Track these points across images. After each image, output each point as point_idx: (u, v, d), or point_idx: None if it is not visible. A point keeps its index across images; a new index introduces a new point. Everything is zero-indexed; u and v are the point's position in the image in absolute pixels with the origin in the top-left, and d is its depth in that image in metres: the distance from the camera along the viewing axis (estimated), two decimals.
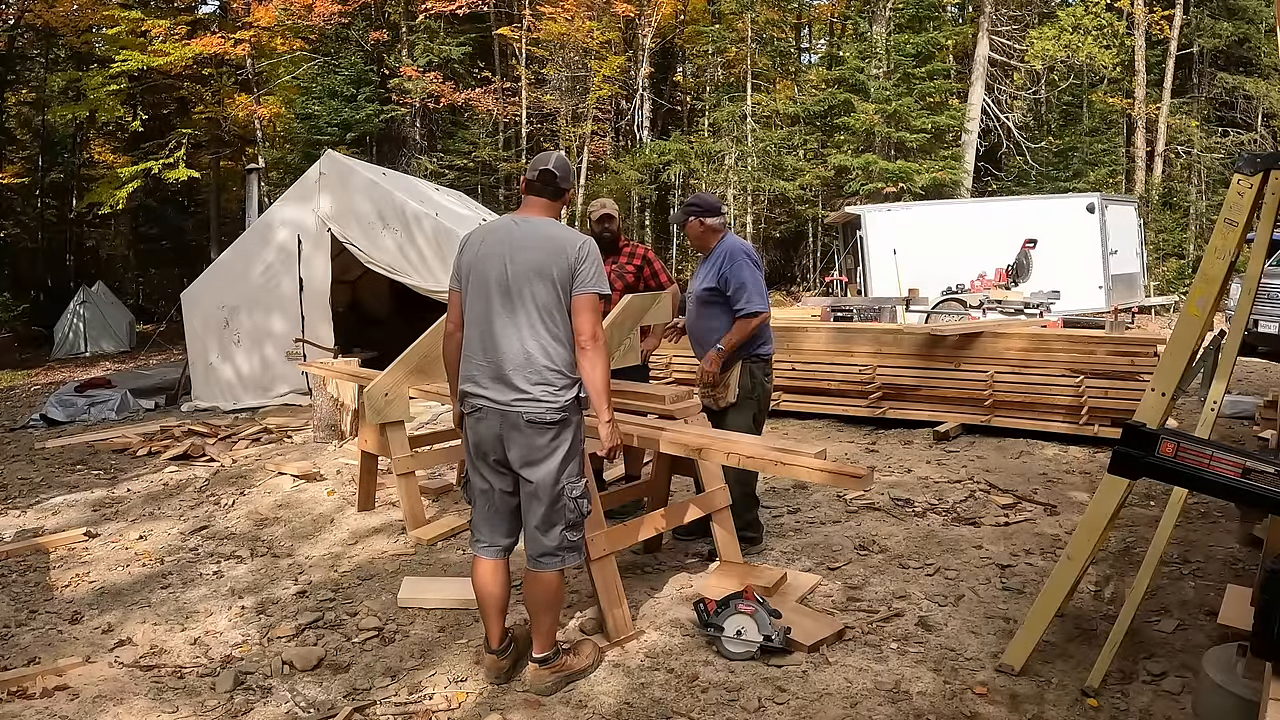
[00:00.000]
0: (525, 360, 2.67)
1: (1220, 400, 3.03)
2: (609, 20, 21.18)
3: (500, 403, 2.68)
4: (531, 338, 2.68)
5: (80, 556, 4.44)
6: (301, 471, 5.64)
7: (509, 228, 2.79)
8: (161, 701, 2.88)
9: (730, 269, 3.85)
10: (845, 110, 20.34)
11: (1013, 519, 4.41)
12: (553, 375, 2.69)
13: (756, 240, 24.48)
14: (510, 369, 2.68)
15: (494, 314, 2.71)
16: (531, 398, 2.67)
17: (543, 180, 2.82)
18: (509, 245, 2.73)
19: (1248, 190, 2.65)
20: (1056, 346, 6.07)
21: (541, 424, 2.67)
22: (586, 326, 2.69)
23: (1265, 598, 2.12)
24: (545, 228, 2.78)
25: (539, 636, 2.84)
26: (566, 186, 2.87)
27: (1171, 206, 22.11)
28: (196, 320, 8.83)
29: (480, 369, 2.73)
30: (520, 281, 2.68)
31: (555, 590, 2.84)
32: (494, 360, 2.70)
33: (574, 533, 2.83)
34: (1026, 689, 2.73)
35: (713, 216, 4.03)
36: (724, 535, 3.70)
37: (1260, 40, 20.99)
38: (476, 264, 2.76)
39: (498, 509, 2.84)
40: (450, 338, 2.85)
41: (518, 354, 2.68)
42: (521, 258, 2.70)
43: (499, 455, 2.73)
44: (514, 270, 2.69)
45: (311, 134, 18.79)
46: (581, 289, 2.70)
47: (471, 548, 2.91)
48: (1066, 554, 2.82)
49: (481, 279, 2.74)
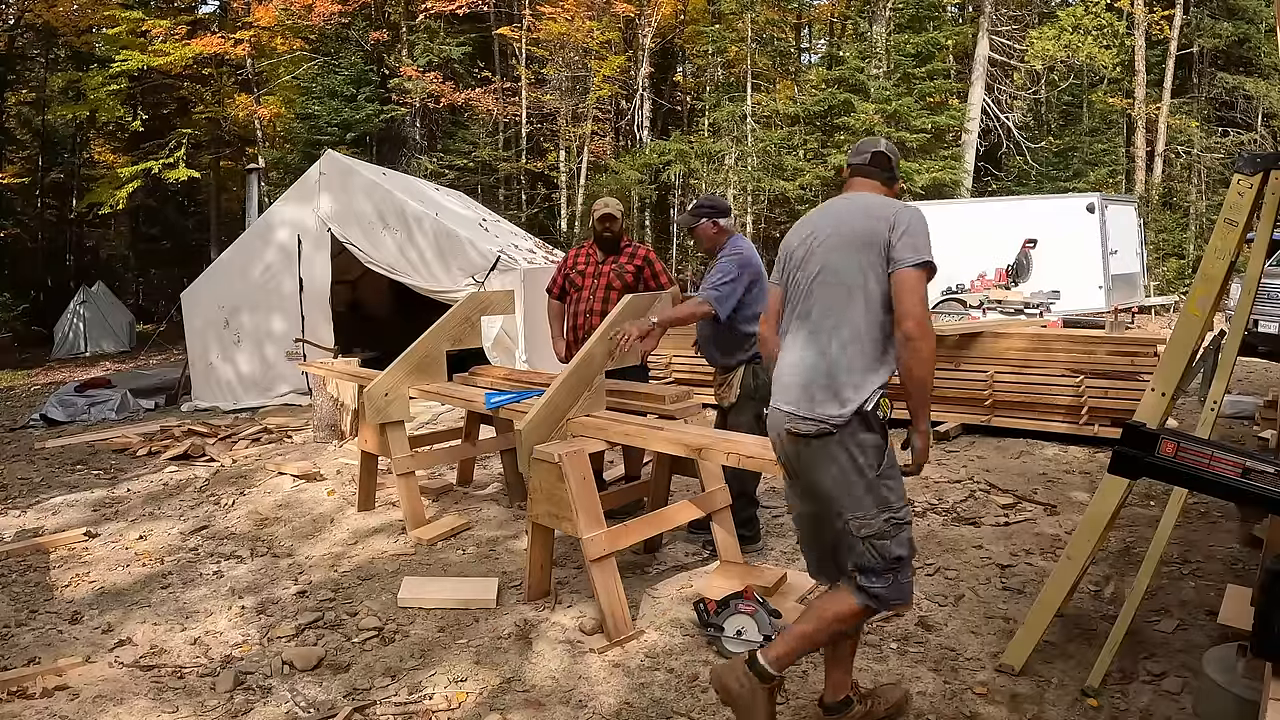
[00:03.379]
0: None
1: (1220, 400, 3.03)
2: (609, 20, 21.18)
3: None
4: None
5: (80, 556, 4.44)
6: (301, 471, 5.64)
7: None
8: (161, 701, 2.88)
9: (719, 264, 3.85)
10: (845, 110, 20.33)
11: (1013, 519, 4.41)
12: None
13: (757, 240, 24.46)
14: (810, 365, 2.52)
15: None
16: None
17: (876, 162, 2.52)
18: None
19: (1248, 190, 2.65)
20: (1056, 346, 6.06)
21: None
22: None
23: (1265, 598, 2.12)
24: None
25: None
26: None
27: (1171, 206, 22.11)
28: (196, 320, 8.83)
29: (785, 368, 2.58)
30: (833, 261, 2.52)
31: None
32: (804, 359, 2.50)
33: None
34: (1026, 689, 2.73)
35: (725, 217, 4.03)
36: (724, 535, 3.70)
37: (1260, 40, 20.99)
38: (794, 249, 2.57)
39: None
40: (762, 342, 2.68)
41: (825, 347, 2.47)
42: (844, 237, 2.48)
43: None
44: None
45: (311, 134, 18.77)
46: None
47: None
48: (1066, 554, 2.82)
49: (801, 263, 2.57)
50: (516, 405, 3.94)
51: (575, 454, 3.22)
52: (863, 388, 2.27)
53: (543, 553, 3.53)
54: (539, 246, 9.92)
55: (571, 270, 4.68)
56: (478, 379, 4.71)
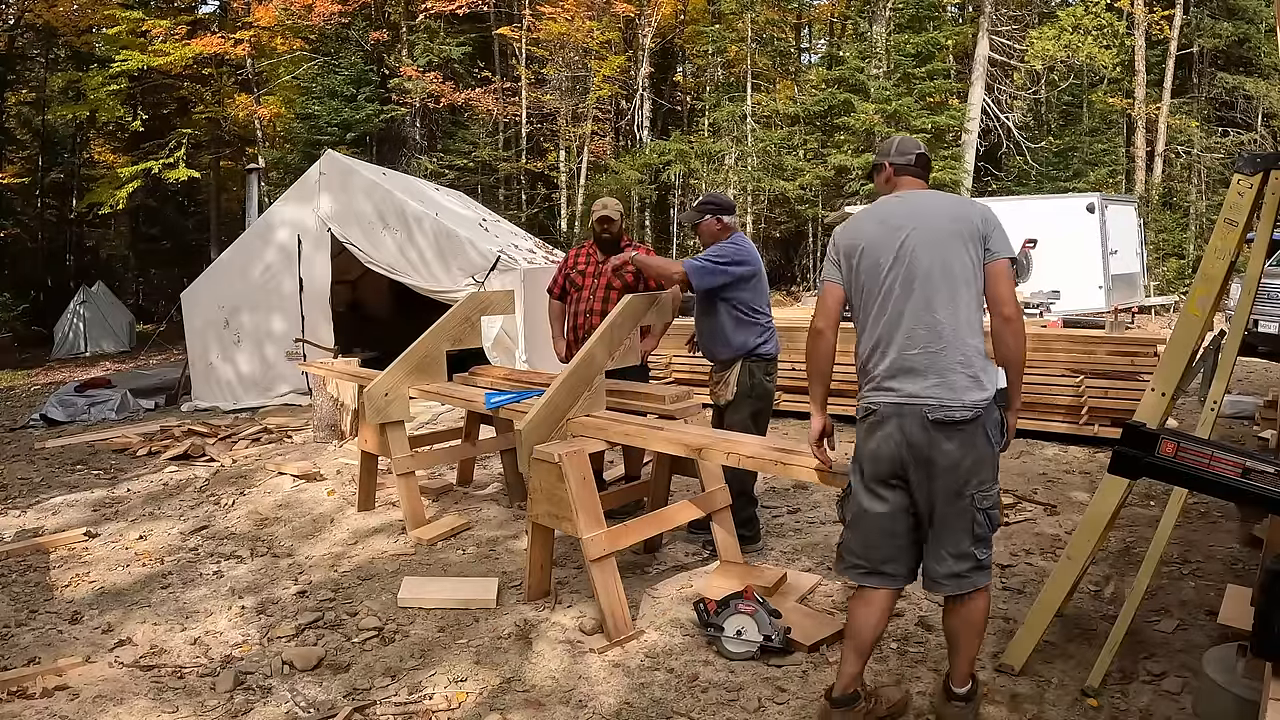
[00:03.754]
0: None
1: (1220, 400, 3.03)
2: (609, 20, 21.18)
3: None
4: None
5: (80, 556, 4.44)
6: (301, 471, 5.64)
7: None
8: (161, 701, 2.88)
9: (719, 245, 3.93)
10: (845, 110, 20.33)
11: (1013, 519, 4.41)
12: None
13: (757, 240, 24.45)
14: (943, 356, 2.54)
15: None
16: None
17: (920, 164, 2.63)
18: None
19: (1248, 190, 2.65)
20: (1056, 346, 6.06)
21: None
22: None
23: (1265, 598, 2.12)
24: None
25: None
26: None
27: (1171, 206, 22.11)
28: (196, 320, 8.83)
29: (906, 361, 2.54)
30: (943, 258, 2.56)
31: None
32: (929, 350, 2.50)
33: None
34: (1026, 689, 2.73)
35: (728, 214, 4.08)
36: (724, 535, 3.70)
37: (1260, 40, 20.99)
38: (869, 247, 2.55)
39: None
40: (818, 336, 2.59)
41: (950, 339, 2.52)
42: (939, 234, 2.57)
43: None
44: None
45: (311, 134, 18.77)
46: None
47: (844, 573, 2.59)
48: (1066, 554, 2.82)
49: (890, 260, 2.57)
50: (516, 405, 3.94)
51: (575, 454, 3.22)
52: (989, 370, 2.44)
53: (543, 553, 3.53)
54: (539, 246, 9.91)
55: (572, 270, 4.68)
56: (478, 379, 4.71)
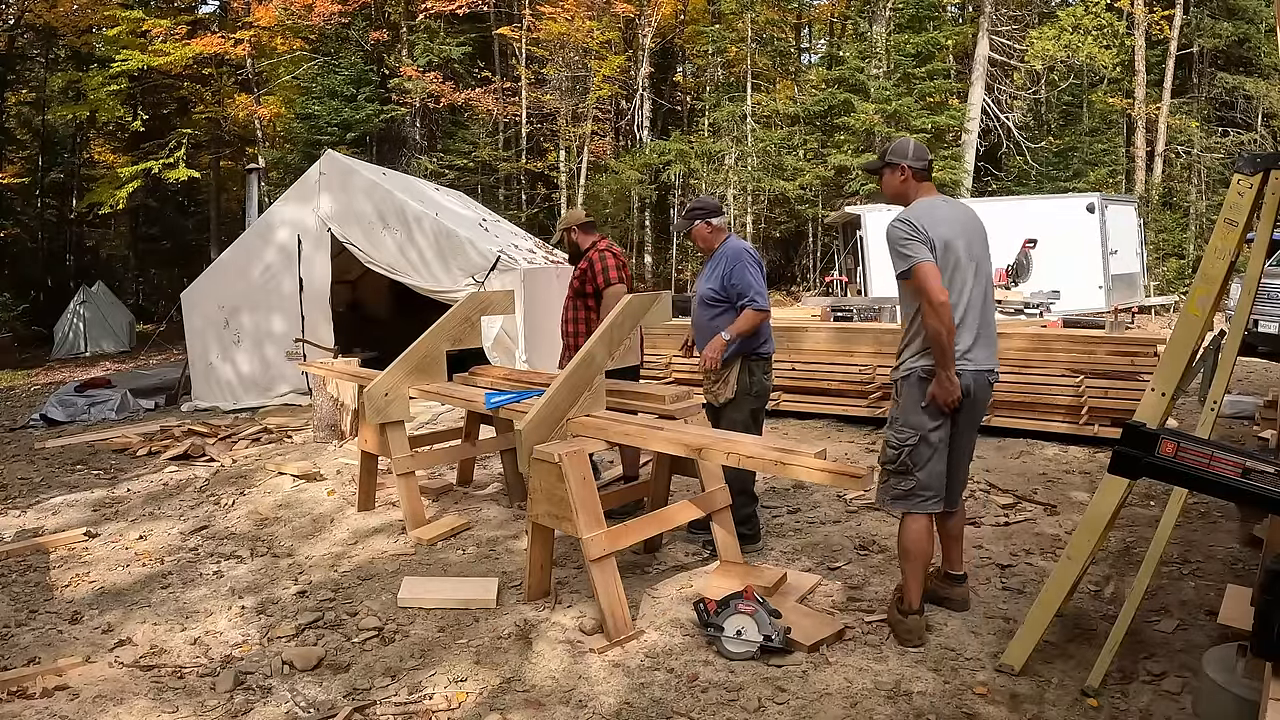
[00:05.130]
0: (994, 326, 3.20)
1: (1220, 400, 3.03)
2: (609, 20, 21.17)
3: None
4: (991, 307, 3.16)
5: (80, 556, 4.44)
6: (301, 471, 5.64)
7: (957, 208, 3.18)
8: (161, 701, 2.88)
9: (734, 271, 3.93)
10: (845, 110, 20.34)
11: (1013, 519, 4.41)
12: None
13: (756, 240, 24.46)
14: (993, 334, 3.15)
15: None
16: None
17: (930, 168, 3.16)
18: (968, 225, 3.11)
19: (1248, 190, 2.65)
20: (1056, 346, 6.06)
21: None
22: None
23: (1265, 598, 2.11)
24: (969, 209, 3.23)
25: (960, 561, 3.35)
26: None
27: (1171, 206, 22.11)
28: (196, 320, 8.83)
29: (980, 338, 3.06)
30: (985, 258, 3.12)
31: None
32: (987, 330, 3.09)
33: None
34: (1026, 689, 2.73)
35: (717, 217, 4.15)
36: (724, 535, 3.70)
37: (1260, 40, 21.00)
38: (953, 241, 3.00)
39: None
40: (947, 308, 2.94)
41: (992, 322, 3.15)
42: (980, 236, 3.13)
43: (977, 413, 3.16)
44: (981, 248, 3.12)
45: (311, 134, 18.78)
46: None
47: (916, 509, 3.04)
48: (1066, 554, 2.82)
49: (964, 255, 3.04)
50: (516, 405, 3.94)
51: (575, 454, 3.22)
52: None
53: (543, 553, 3.53)
54: (539, 246, 9.92)
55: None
56: (478, 379, 4.71)
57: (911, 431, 3.02)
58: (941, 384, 2.94)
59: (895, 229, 2.98)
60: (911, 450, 3.01)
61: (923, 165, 3.08)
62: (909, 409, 3.02)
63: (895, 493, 3.07)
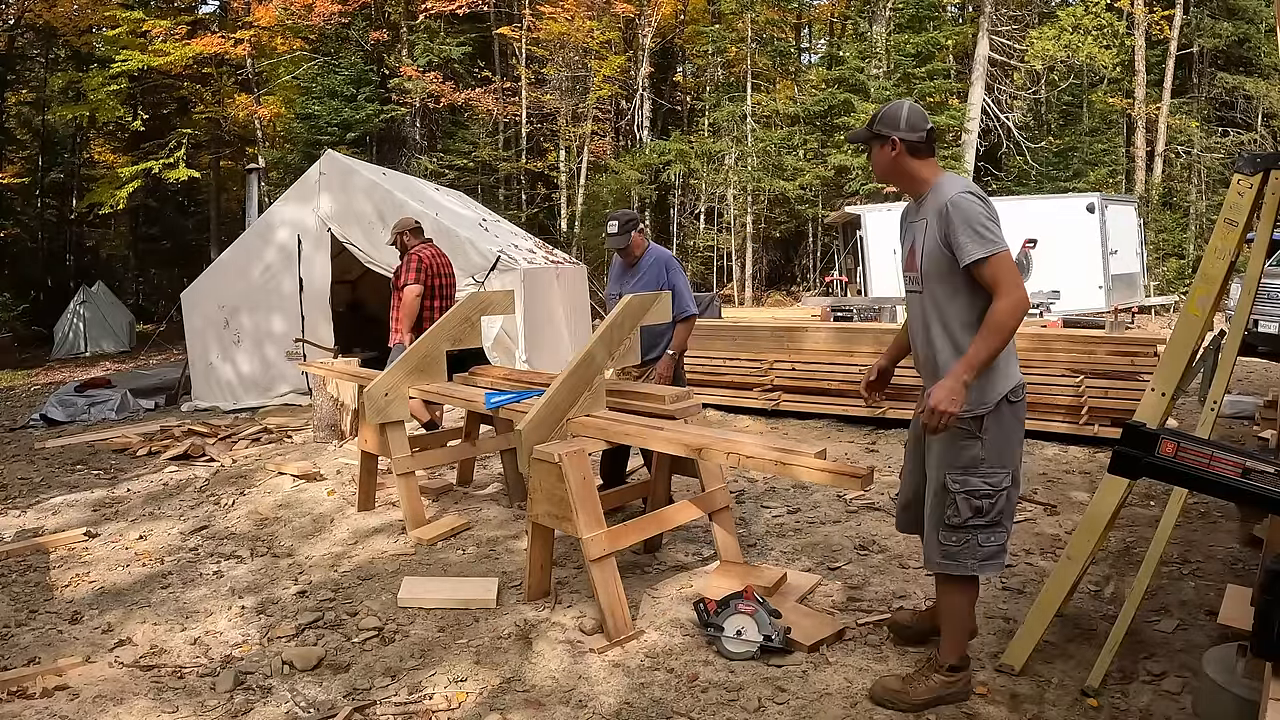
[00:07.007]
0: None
1: (1220, 400, 3.03)
2: (609, 20, 21.19)
3: None
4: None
5: (80, 556, 4.44)
6: (301, 471, 5.64)
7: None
8: (161, 701, 2.88)
9: (670, 276, 4.30)
10: (845, 110, 20.37)
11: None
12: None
13: (756, 240, 24.50)
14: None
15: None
16: None
17: (932, 139, 2.57)
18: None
19: (1248, 190, 2.65)
20: (1056, 346, 6.06)
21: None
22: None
23: (1265, 598, 2.11)
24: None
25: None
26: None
27: (1171, 206, 22.13)
28: (196, 320, 8.83)
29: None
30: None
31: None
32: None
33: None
34: (1026, 689, 2.73)
35: (641, 224, 4.52)
36: (724, 535, 3.70)
37: (1260, 40, 21.01)
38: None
39: None
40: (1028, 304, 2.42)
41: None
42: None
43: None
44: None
45: (311, 134, 18.79)
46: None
47: (999, 569, 2.59)
48: (1066, 554, 2.82)
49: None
50: (516, 405, 3.94)
51: (575, 454, 3.22)
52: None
53: (543, 553, 3.53)
54: (539, 246, 9.92)
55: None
56: (478, 379, 4.71)
57: (1004, 472, 2.49)
58: (956, 393, 2.35)
59: (971, 203, 2.39)
60: (1005, 494, 2.51)
61: (919, 137, 2.51)
62: (1001, 445, 2.48)
63: (984, 552, 2.52)
